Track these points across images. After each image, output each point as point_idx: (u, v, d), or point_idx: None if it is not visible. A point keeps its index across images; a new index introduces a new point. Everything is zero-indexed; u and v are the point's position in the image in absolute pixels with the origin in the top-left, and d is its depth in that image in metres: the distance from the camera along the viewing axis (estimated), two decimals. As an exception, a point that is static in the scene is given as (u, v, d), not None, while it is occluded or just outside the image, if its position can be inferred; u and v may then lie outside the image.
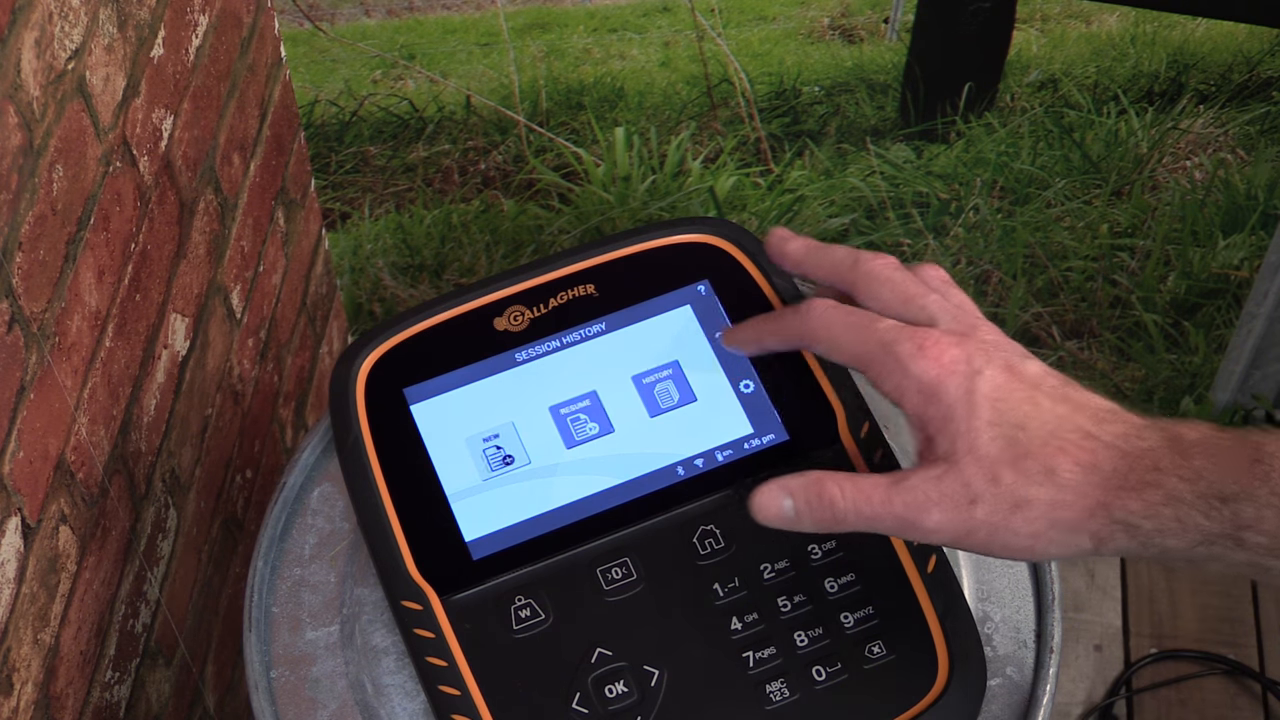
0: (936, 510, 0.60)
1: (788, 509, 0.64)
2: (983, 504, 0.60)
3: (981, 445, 0.60)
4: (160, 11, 0.99)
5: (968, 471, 0.60)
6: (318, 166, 1.34)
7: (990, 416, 0.60)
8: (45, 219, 0.84)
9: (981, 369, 0.61)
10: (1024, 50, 1.26)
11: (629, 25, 1.26)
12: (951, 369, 0.61)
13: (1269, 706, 1.50)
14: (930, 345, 0.62)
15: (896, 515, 0.61)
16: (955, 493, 0.60)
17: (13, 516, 0.82)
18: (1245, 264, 1.41)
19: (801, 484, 0.63)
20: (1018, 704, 0.73)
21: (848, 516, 0.62)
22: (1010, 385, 0.61)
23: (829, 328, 0.65)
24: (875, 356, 0.63)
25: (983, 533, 0.60)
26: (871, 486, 0.62)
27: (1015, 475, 0.59)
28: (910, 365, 0.62)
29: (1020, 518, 0.59)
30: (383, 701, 0.73)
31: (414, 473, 0.72)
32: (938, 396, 0.61)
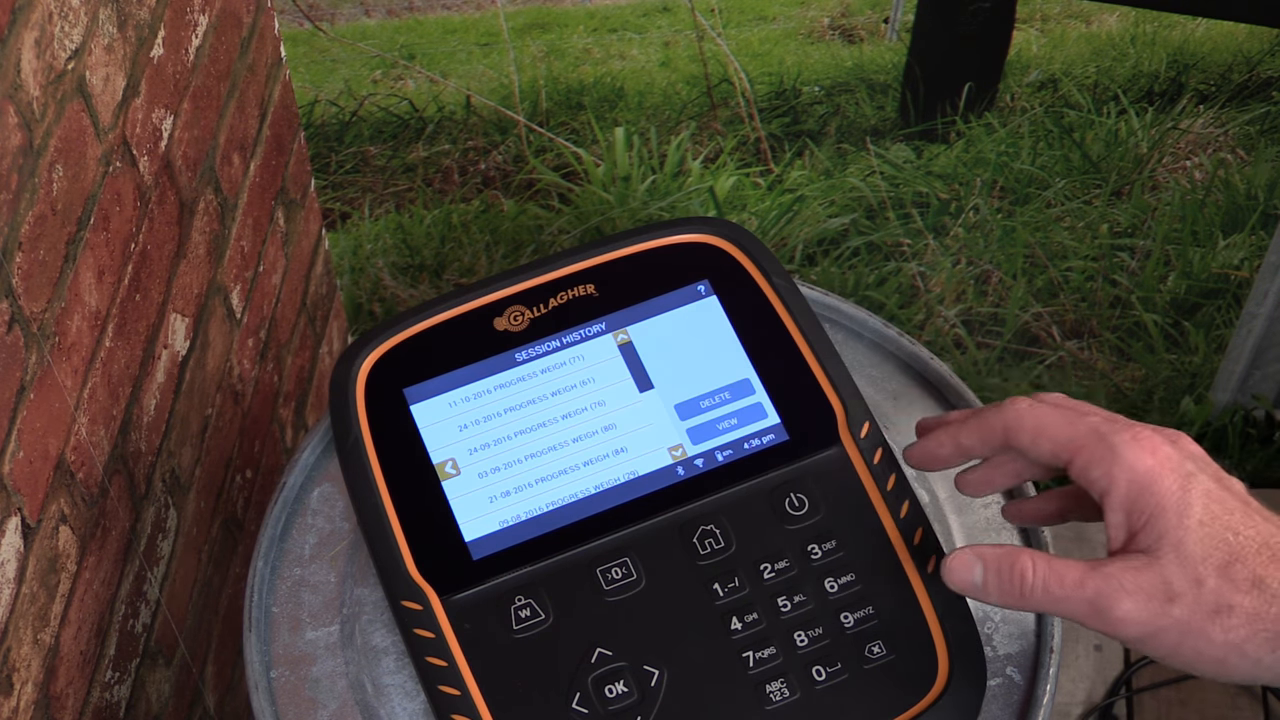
0: (1129, 601, 0.59)
1: (976, 578, 0.63)
2: (1181, 603, 0.58)
3: (1190, 543, 0.58)
4: (160, 11, 0.99)
5: (1170, 567, 0.58)
6: (318, 166, 1.34)
7: (1202, 516, 0.59)
8: (45, 219, 0.84)
9: (1194, 471, 0.60)
10: (1024, 50, 1.26)
11: (629, 25, 1.26)
12: (1166, 463, 0.60)
13: (1269, 706, 1.50)
14: (1145, 438, 0.61)
15: (1087, 600, 0.60)
16: (1154, 586, 0.58)
17: (13, 516, 0.82)
18: (1245, 264, 1.41)
19: (995, 555, 0.62)
20: (1018, 704, 0.73)
21: (1035, 594, 0.61)
22: (1223, 494, 0.60)
23: (1035, 417, 0.64)
24: (1087, 443, 0.62)
25: (1172, 635, 0.58)
26: (1065, 568, 0.61)
27: (1221, 580, 0.58)
28: (1125, 453, 0.61)
29: (1218, 625, 0.58)
30: (383, 701, 0.73)
31: (414, 473, 0.72)
32: (1151, 488, 0.60)
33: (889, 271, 1.42)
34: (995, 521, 0.80)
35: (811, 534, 0.71)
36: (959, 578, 0.63)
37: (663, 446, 0.73)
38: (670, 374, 0.75)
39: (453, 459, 0.73)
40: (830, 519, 0.71)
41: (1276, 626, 0.57)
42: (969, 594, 0.63)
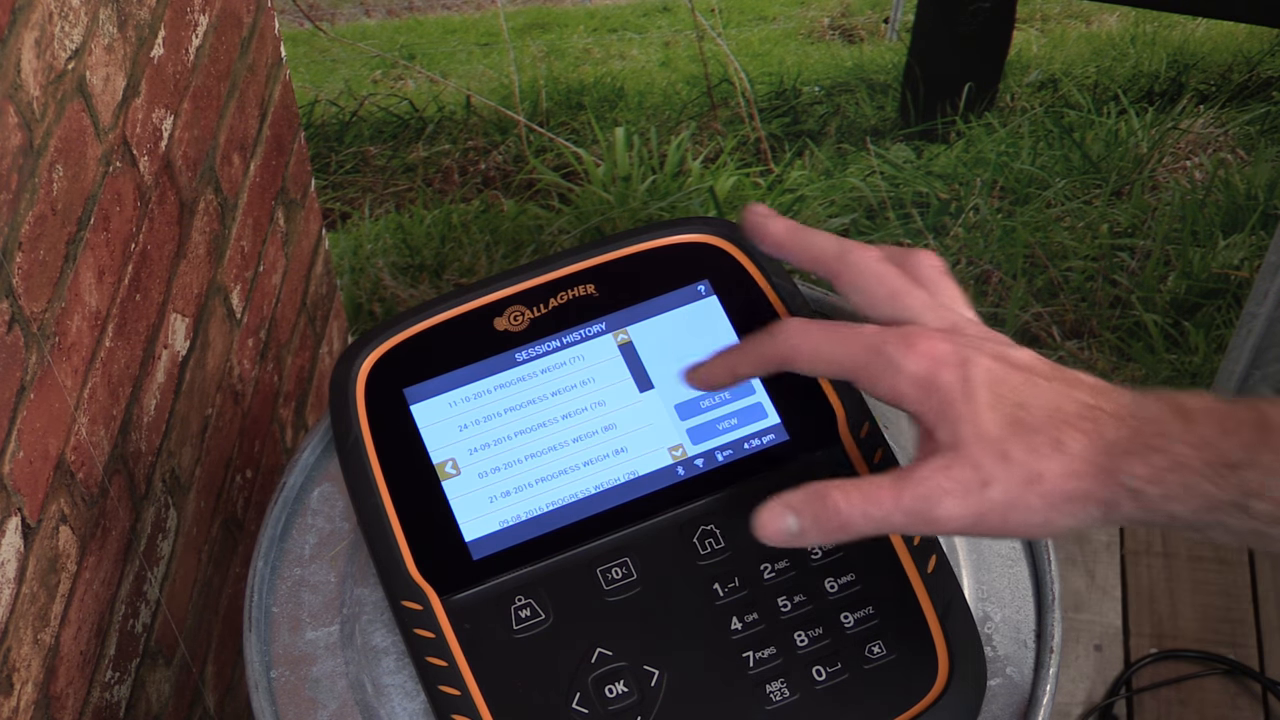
0: (949, 499, 0.59)
1: (792, 526, 0.62)
2: (996, 484, 0.59)
3: (986, 426, 0.60)
4: (160, 11, 0.99)
5: (977, 454, 0.59)
6: (318, 166, 1.34)
7: (989, 399, 0.60)
8: (45, 219, 0.84)
9: (971, 357, 0.61)
10: (1024, 50, 1.26)
11: (629, 25, 1.26)
12: (944, 360, 0.61)
13: (1269, 706, 1.50)
14: (919, 340, 0.62)
15: (907, 509, 0.60)
16: (967, 477, 0.59)
17: (13, 516, 0.82)
18: (1245, 264, 1.41)
19: (803, 498, 0.62)
20: (1018, 704, 0.73)
21: (855, 521, 0.61)
22: (1005, 370, 0.61)
23: (810, 342, 0.64)
24: (865, 361, 0.62)
25: (996, 515, 0.59)
26: (876, 487, 0.61)
27: (1025, 451, 0.59)
28: (902, 363, 0.61)
29: (1034, 492, 0.59)
30: (383, 701, 0.73)
31: (414, 473, 0.72)
32: (933, 387, 0.61)
33: (889, 271, 1.42)
34: (995, 521, 0.80)
35: (811, 534, 0.71)
36: (772, 531, 0.62)
37: (663, 446, 0.73)
38: (670, 374, 0.75)
39: (453, 459, 0.73)
40: (830, 519, 0.71)
41: (1082, 483, 0.58)
42: (789, 544, 0.63)
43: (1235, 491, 0.56)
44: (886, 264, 0.66)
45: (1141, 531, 1.64)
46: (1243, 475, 0.56)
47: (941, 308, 0.65)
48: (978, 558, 0.78)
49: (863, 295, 0.66)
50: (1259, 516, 0.56)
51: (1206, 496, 0.57)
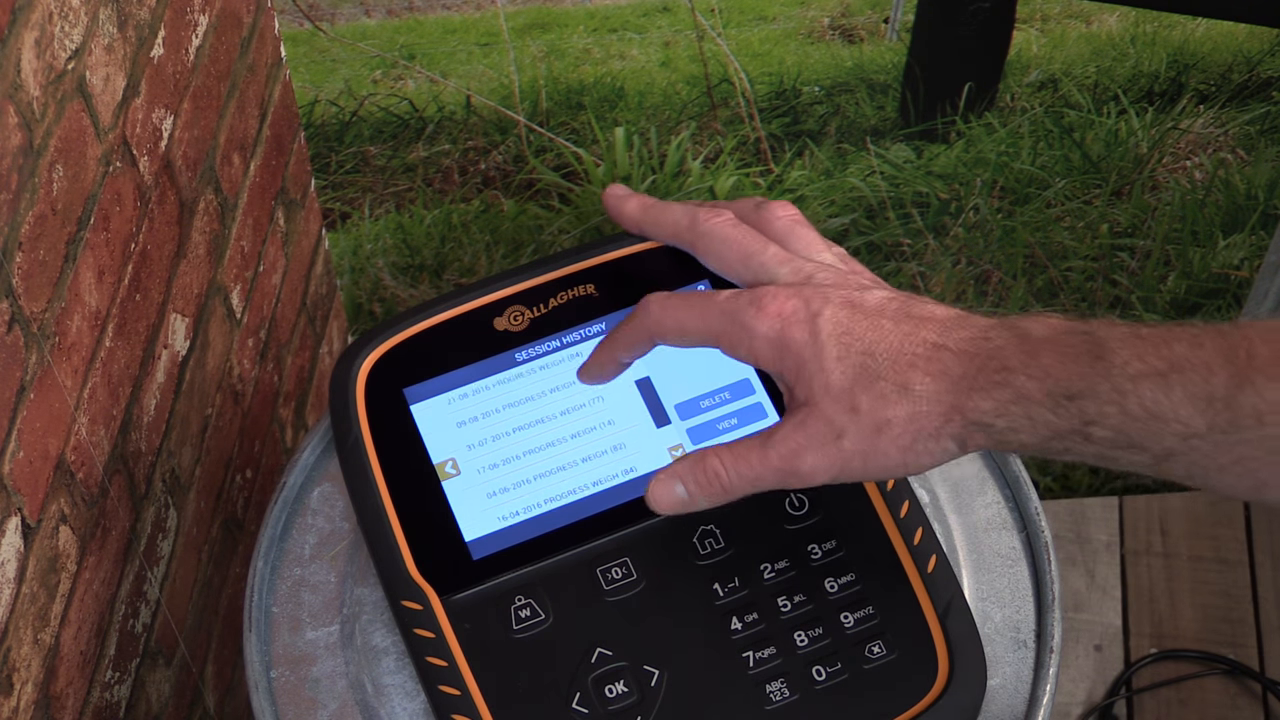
0: (809, 454, 0.62)
1: (681, 494, 0.66)
2: (848, 435, 0.61)
3: (834, 380, 0.62)
4: (160, 11, 0.99)
5: (827, 409, 0.62)
6: (318, 166, 1.34)
7: (837, 352, 0.62)
8: (45, 219, 0.84)
9: (820, 310, 0.63)
10: (1024, 50, 1.26)
11: (629, 25, 1.26)
12: (793, 318, 0.63)
13: (1269, 706, 1.50)
14: (768, 301, 0.64)
15: (775, 468, 0.63)
16: (821, 432, 0.62)
17: (13, 516, 0.82)
18: (1245, 264, 1.41)
19: (687, 466, 0.65)
20: (1018, 704, 0.73)
21: (735, 483, 0.64)
22: (852, 318, 0.63)
23: (672, 315, 0.66)
24: (722, 329, 0.65)
25: (856, 462, 0.62)
26: (746, 449, 0.64)
27: (871, 400, 0.61)
28: (755, 325, 0.63)
29: (886, 439, 0.61)
30: (383, 701, 0.73)
31: (414, 473, 0.72)
32: (785, 346, 0.63)
33: (889, 271, 1.42)
34: (996, 521, 0.80)
35: (811, 534, 0.71)
36: (666, 501, 0.66)
37: (663, 446, 0.73)
38: (670, 374, 0.75)
39: (453, 459, 0.73)
40: (830, 519, 0.71)
41: (931, 423, 0.60)
42: (682, 510, 0.66)
43: (1076, 420, 0.58)
44: (738, 226, 0.69)
45: (1141, 531, 1.64)
46: (1081, 405, 0.58)
47: (796, 259, 0.67)
48: (978, 558, 0.78)
49: (719, 260, 0.69)
50: (1100, 442, 0.58)
51: (1049, 426, 0.59)
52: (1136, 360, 0.57)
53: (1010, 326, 0.61)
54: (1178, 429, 0.56)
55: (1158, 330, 0.58)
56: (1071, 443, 0.59)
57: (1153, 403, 0.56)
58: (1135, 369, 0.57)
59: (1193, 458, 0.57)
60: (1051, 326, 0.60)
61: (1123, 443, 0.58)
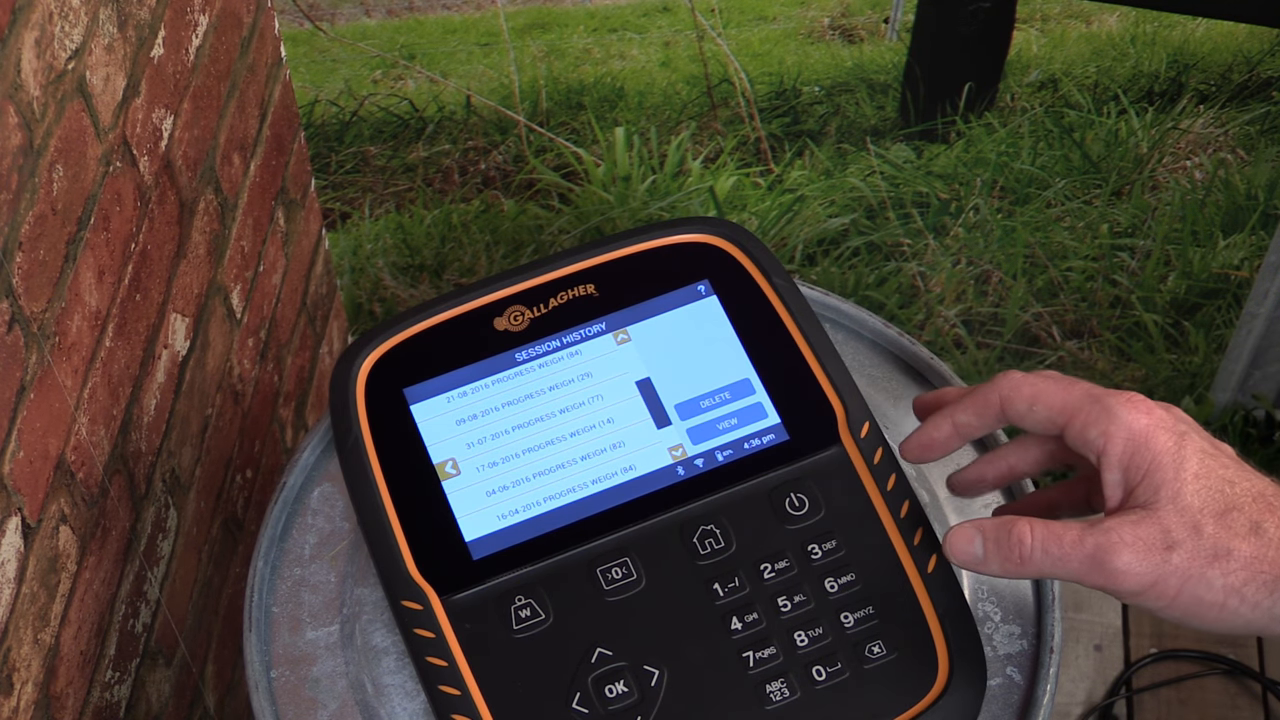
0: (1128, 552, 0.59)
1: (978, 551, 0.64)
2: (1180, 551, 0.59)
3: (1186, 494, 0.60)
4: (160, 11, 0.99)
5: (1168, 518, 0.60)
6: (318, 166, 1.34)
7: (1198, 470, 0.60)
8: (45, 219, 0.84)
9: (1187, 431, 0.62)
10: (1024, 50, 1.26)
11: (629, 25, 1.26)
12: (1160, 423, 0.62)
13: (1269, 706, 1.50)
14: (1139, 401, 0.63)
15: (1086, 555, 0.60)
16: (1152, 537, 0.60)
17: (13, 516, 0.82)
18: (1245, 264, 1.41)
19: (993, 526, 0.63)
20: (1018, 704, 0.73)
21: (1034, 556, 0.62)
22: (1216, 452, 0.61)
23: (1031, 385, 0.65)
24: (1082, 406, 0.63)
25: (1175, 581, 0.59)
26: (1063, 528, 0.61)
27: (1219, 527, 0.59)
28: (1120, 413, 0.62)
29: (1217, 570, 0.59)
30: (383, 701, 0.73)
31: (414, 473, 0.72)
32: (1147, 445, 0.61)
33: (889, 271, 1.42)
34: (995, 521, 0.80)
35: (812, 534, 0.71)
36: (961, 550, 0.64)
37: (663, 446, 0.73)
38: (670, 374, 0.75)
39: (453, 459, 0.73)
40: (830, 519, 0.71)
41: (1275, 570, 0.58)
42: (971, 567, 0.64)
43: None
44: None
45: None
46: None
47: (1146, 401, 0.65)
48: (978, 558, 0.78)
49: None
50: None
51: None
52: None
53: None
54: None
55: None
56: None
57: None
58: None
59: None
60: None
61: None
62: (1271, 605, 0.58)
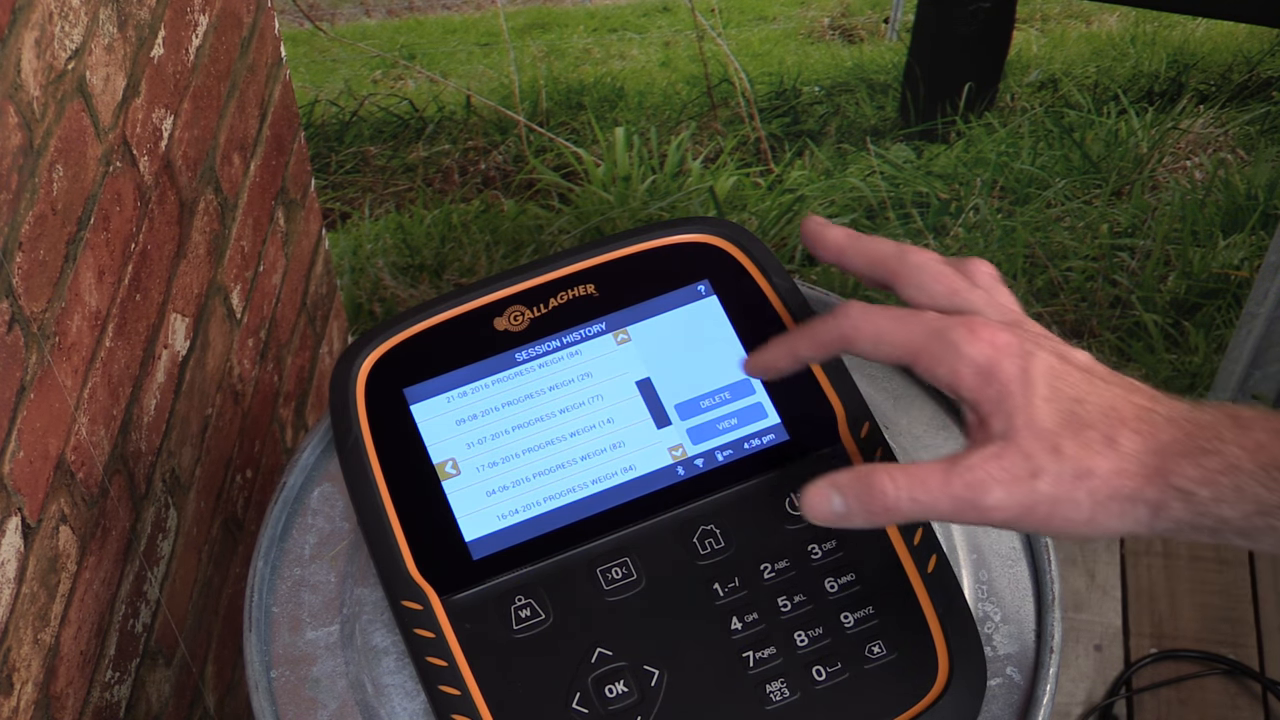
0: (998, 487, 0.59)
1: (837, 506, 0.62)
2: (1046, 476, 0.59)
3: (1041, 419, 0.60)
4: (160, 11, 0.99)
5: (1028, 445, 0.59)
6: (318, 166, 1.34)
7: (1047, 392, 0.60)
8: (45, 219, 0.84)
9: (1033, 350, 0.61)
10: (1024, 50, 1.26)
11: (629, 25, 1.26)
12: (1005, 349, 0.61)
13: (1269, 706, 1.50)
14: (981, 328, 0.62)
15: (955, 496, 0.60)
16: (1016, 467, 0.59)
17: (13, 516, 0.82)
18: (1245, 264, 1.41)
19: (850, 478, 0.62)
20: (1018, 704, 0.73)
21: (901, 504, 0.61)
22: (1064, 366, 0.61)
23: (872, 323, 0.64)
24: (926, 344, 0.62)
25: (1044, 506, 0.59)
26: (926, 471, 0.61)
27: (1077, 446, 0.59)
28: (964, 347, 0.61)
29: (1084, 488, 0.59)
30: (383, 701, 0.73)
31: (414, 473, 0.72)
32: (994, 375, 0.61)
33: (889, 271, 1.42)
34: (995, 521, 0.80)
35: (811, 534, 0.71)
36: (818, 510, 0.62)
37: (663, 446, 0.73)
38: (670, 374, 0.75)
39: (453, 459, 0.73)
40: (830, 519, 0.71)
41: (1132, 481, 0.59)
42: (835, 524, 0.63)
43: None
44: (945, 264, 0.67)
45: (1141, 531, 1.64)
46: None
47: (1001, 306, 0.65)
48: (978, 558, 0.78)
49: (923, 292, 0.66)
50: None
51: (1258, 500, 0.57)
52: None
53: (1218, 405, 0.60)
54: None
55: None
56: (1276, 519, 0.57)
57: None
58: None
59: None
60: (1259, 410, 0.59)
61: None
62: (1134, 512, 0.59)
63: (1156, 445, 0.59)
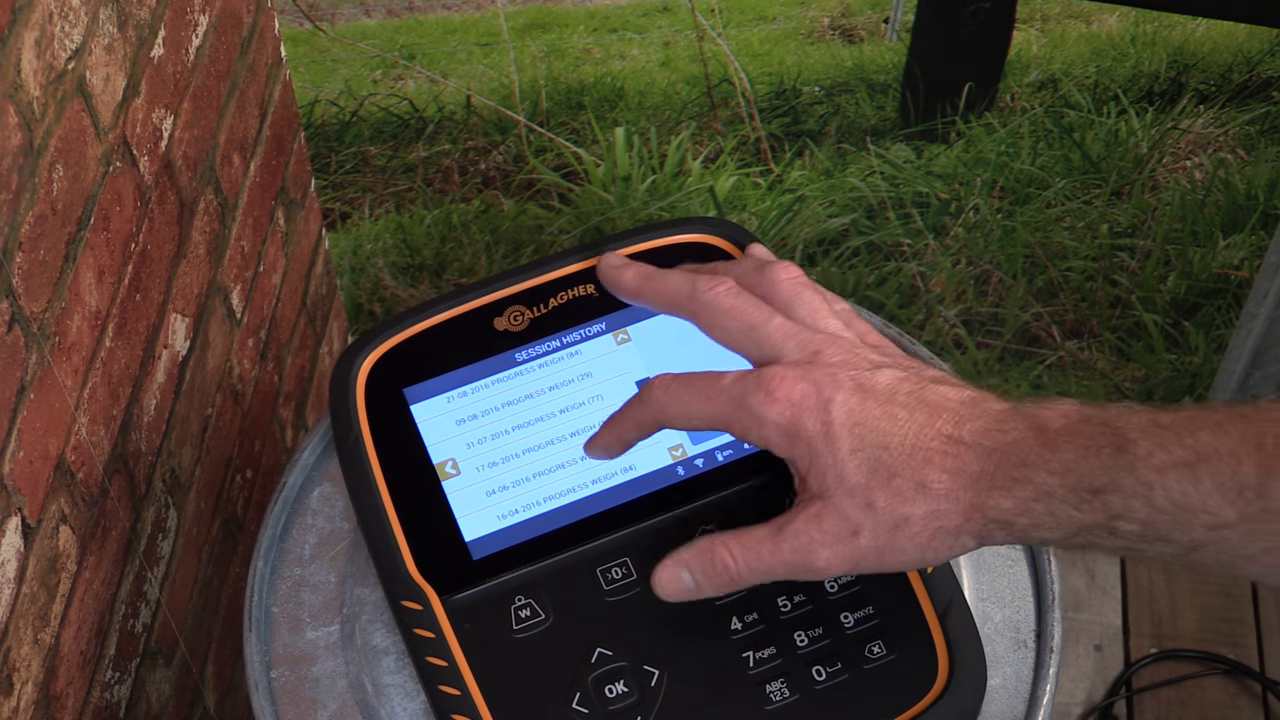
0: (823, 549, 0.61)
1: (687, 583, 0.64)
2: (865, 533, 0.60)
3: (849, 475, 0.60)
4: (160, 11, 0.99)
5: (842, 504, 0.60)
6: (318, 166, 1.34)
7: (851, 444, 0.60)
8: (45, 219, 0.84)
9: (832, 396, 0.61)
10: (1024, 50, 1.26)
11: (629, 25, 1.26)
12: (803, 404, 0.61)
13: (1269, 706, 1.50)
14: (777, 386, 0.62)
15: (787, 562, 0.62)
16: (836, 527, 0.61)
17: (13, 516, 0.82)
18: (1245, 264, 1.41)
19: (693, 554, 0.64)
20: (1018, 704, 0.73)
21: (743, 575, 0.63)
22: (864, 406, 0.61)
23: (678, 402, 0.64)
24: (731, 416, 0.63)
25: (872, 558, 0.61)
26: (758, 542, 0.62)
27: (888, 497, 0.60)
28: (764, 413, 0.62)
29: (903, 536, 0.60)
30: (383, 701, 0.73)
31: (414, 473, 0.72)
32: (797, 435, 0.61)
33: (889, 271, 1.42)
34: (995, 521, 0.80)
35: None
36: (673, 589, 0.65)
37: (663, 446, 0.73)
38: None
39: (453, 459, 0.73)
40: (830, 519, 0.71)
41: (949, 521, 0.59)
42: (688, 598, 0.65)
43: (1101, 515, 0.57)
44: (739, 295, 0.66)
45: (1141, 531, 1.64)
46: (1106, 500, 0.56)
47: (802, 331, 0.64)
48: (978, 558, 0.78)
49: (722, 333, 0.66)
50: (1126, 536, 0.57)
51: (1073, 522, 0.57)
52: (1160, 451, 0.55)
53: (1026, 416, 0.59)
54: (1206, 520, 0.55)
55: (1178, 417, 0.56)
56: (1096, 537, 0.57)
57: (1180, 495, 0.55)
58: (1160, 460, 0.55)
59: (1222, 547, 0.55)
60: (1068, 415, 0.58)
61: (1150, 536, 0.56)
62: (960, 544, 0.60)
63: (966, 480, 0.59)
